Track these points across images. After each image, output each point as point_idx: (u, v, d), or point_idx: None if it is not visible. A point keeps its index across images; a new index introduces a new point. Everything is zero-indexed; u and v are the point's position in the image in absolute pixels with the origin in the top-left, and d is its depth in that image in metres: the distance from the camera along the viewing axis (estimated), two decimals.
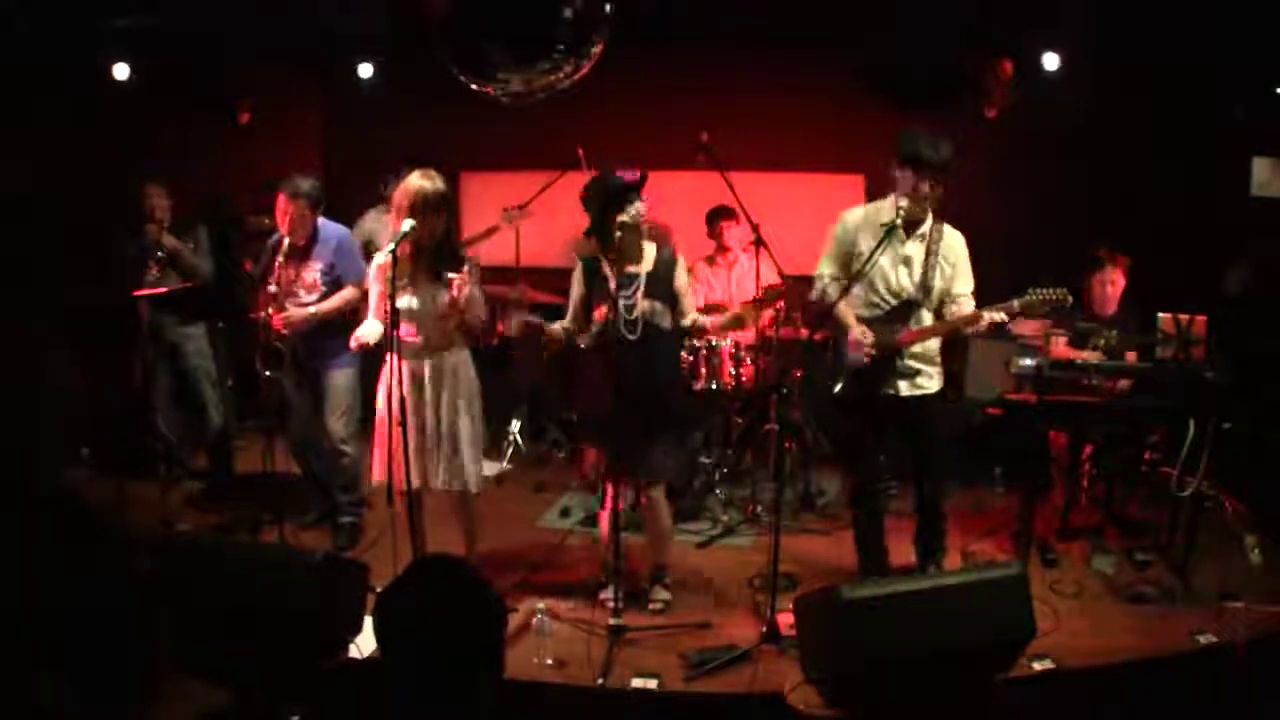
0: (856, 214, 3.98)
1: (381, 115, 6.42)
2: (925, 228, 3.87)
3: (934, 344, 3.96)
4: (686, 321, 3.90)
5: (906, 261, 3.88)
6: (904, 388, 3.91)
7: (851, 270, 3.89)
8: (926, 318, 3.91)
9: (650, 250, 3.88)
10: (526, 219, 5.77)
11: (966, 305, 3.86)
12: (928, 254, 3.85)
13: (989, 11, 5.59)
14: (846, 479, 4.31)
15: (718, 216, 5.72)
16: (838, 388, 3.97)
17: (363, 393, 4.66)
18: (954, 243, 3.90)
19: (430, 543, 4.05)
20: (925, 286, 3.86)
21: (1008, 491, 5.33)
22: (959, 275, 3.89)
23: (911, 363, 3.89)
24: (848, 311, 3.93)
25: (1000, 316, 3.77)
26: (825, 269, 4.03)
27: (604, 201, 3.76)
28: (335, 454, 4.54)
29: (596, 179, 3.85)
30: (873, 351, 3.84)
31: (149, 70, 5.86)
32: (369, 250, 5.00)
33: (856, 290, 3.92)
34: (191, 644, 3.18)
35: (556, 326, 3.93)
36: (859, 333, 3.86)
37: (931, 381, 3.97)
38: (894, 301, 3.90)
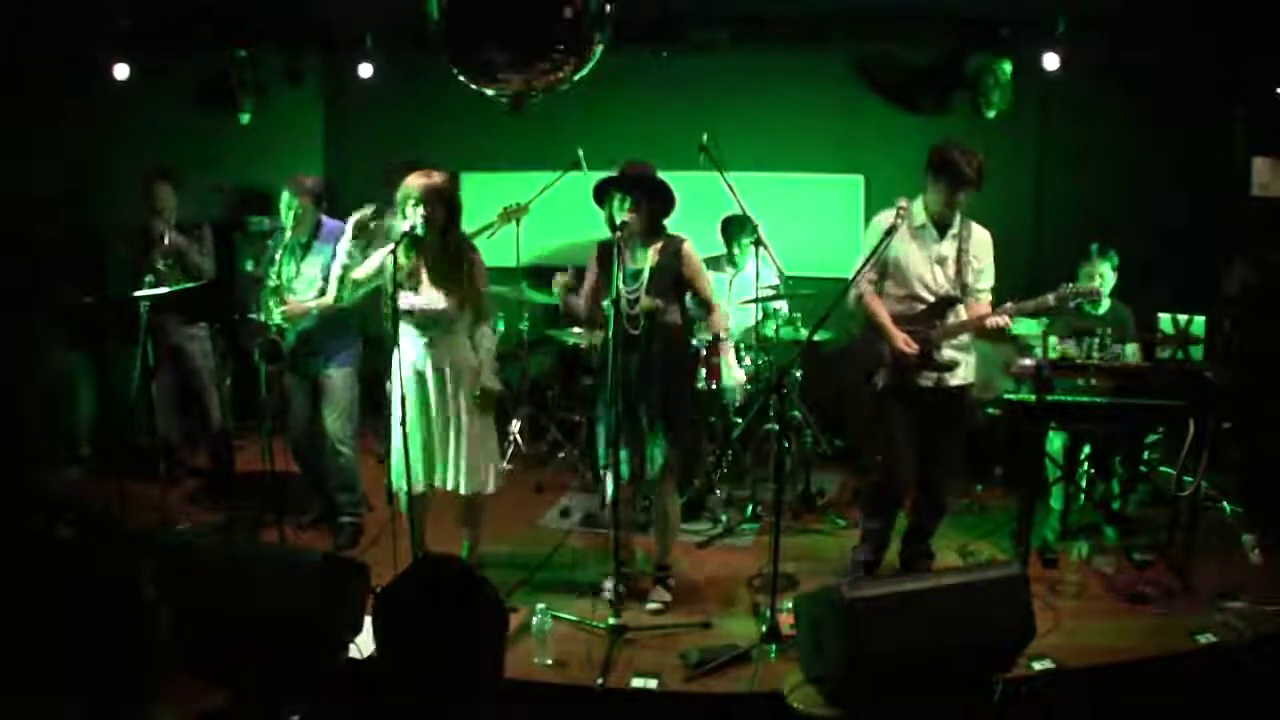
0: (888, 217, 3.96)
1: (381, 115, 6.43)
2: (956, 227, 3.96)
3: (967, 335, 4.03)
4: (713, 329, 3.93)
5: (942, 261, 3.95)
6: (944, 379, 3.96)
7: (886, 272, 3.99)
8: (964, 313, 3.99)
9: (655, 247, 3.87)
10: (520, 216, 5.71)
11: (983, 300, 3.94)
12: (959, 252, 3.93)
13: (989, 11, 5.60)
14: (872, 479, 4.26)
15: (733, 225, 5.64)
16: (879, 381, 4.01)
17: (362, 393, 4.67)
18: (982, 240, 4.00)
19: (430, 543, 4.06)
20: (963, 283, 3.95)
21: (1007, 491, 5.34)
22: (984, 272, 3.98)
23: (950, 354, 3.95)
24: (886, 317, 3.95)
25: (1030, 308, 3.88)
26: (862, 272, 4.06)
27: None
28: (333, 454, 4.54)
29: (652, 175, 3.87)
30: (917, 358, 3.90)
31: (149, 69, 5.86)
32: None
33: (890, 289, 4.00)
34: (191, 644, 3.17)
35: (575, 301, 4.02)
36: (902, 342, 3.89)
37: (966, 370, 4.02)
38: (931, 299, 3.96)
